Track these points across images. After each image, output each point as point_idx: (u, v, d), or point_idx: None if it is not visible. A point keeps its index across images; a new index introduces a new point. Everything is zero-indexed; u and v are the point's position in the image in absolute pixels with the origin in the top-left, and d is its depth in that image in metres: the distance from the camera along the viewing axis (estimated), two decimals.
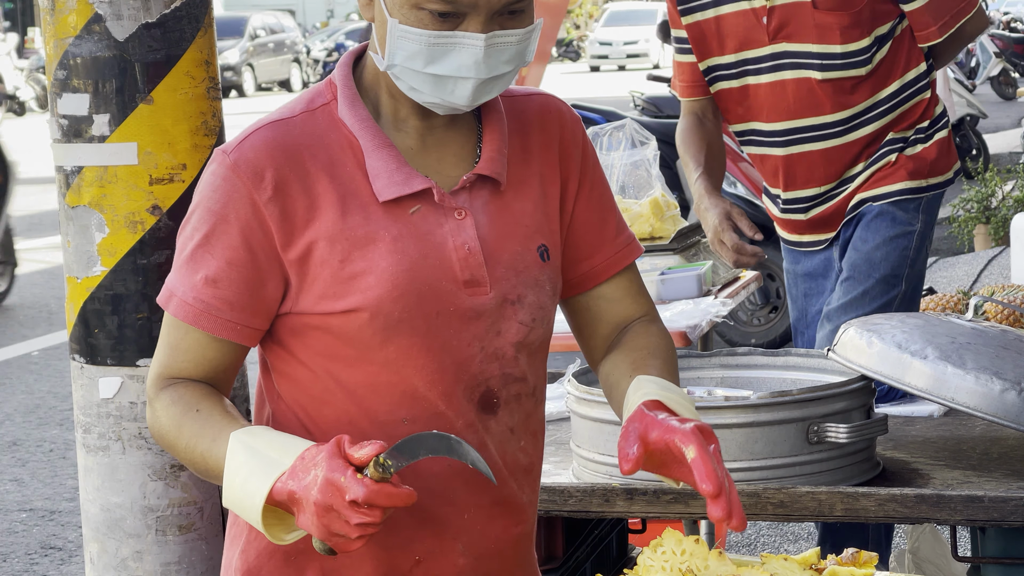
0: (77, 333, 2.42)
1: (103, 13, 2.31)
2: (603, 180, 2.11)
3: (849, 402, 2.59)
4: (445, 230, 1.93)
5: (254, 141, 1.89)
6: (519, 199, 2.00)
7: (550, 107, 2.06)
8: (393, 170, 1.91)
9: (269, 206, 1.87)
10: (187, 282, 1.89)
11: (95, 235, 2.35)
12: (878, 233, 3.64)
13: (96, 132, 2.33)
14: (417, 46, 1.84)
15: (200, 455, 1.85)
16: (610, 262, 2.09)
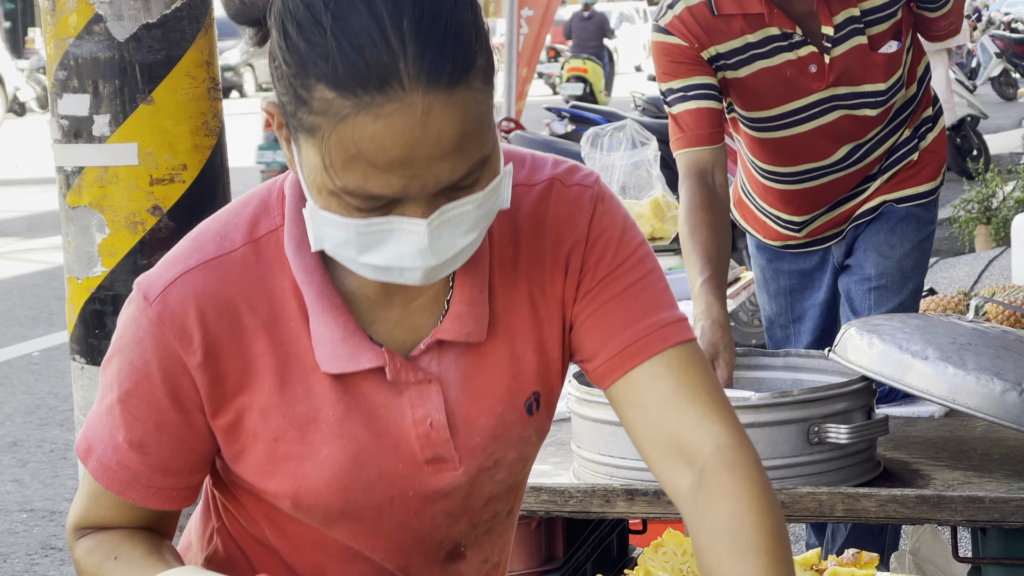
0: (77, 333, 2.41)
1: (103, 13, 2.31)
2: (623, 265, 1.65)
3: (850, 403, 2.59)
4: (404, 401, 1.60)
5: (181, 291, 1.55)
6: (504, 345, 1.64)
7: (553, 202, 1.65)
8: (338, 341, 1.56)
9: (198, 371, 1.56)
10: (108, 440, 1.62)
11: (95, 235, 2.35)
12: (907, 239, 3.53)
13: (96, 132, 2.33)
14: (345, 234, 1.45)
15: None
16: (619, 358, 1.65)
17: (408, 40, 1.37)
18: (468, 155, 1.42)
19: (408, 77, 1.37)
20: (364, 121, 1.38)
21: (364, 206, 1.43)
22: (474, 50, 1.41)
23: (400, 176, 1.40)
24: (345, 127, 1.39)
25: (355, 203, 1.43)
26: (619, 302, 1.64)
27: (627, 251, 1.66)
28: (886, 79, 3.39)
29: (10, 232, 13.84)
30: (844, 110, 3.40)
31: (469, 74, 1.40)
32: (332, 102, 1.39)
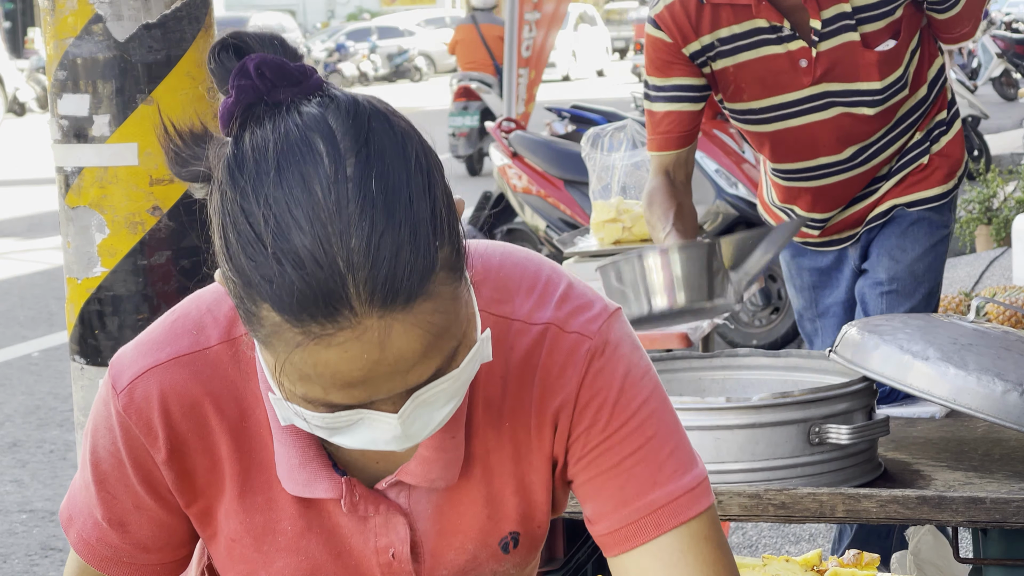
0: (77, 334, 2.41)
1: (103, 13, 2.30)
2: (619, 432, 1.53)
3: (851, 403, 2.58)
4: (368, 528, 1.53)
5: (147, 386, 1.48)
6: (481, 486, 1.56)
7: (546, 349, 1.53)
8: (295, 465, 1.49)
9: (164, 467, 1.51)
10: (88, 515, 1.58)
11: (95, 236, 2.35)
12: (918, 243, 3.52)
13: (96, 133, 2.33)
14: (314, 423, 1.37)
15: None
16: (612, 537, 1.54)
17: (357, 260, 1.24)
18: (437, 356, 1.32)
19: (359, 302, 1.25)
20: (315, 350, 1.27)
21: (328, 411, 1.34)
22: (434, 249, 1.28)
23: (362, 390, 1.31)
24: (296, 354, 1.28)
25: (319, 408, 1.34)
26: (614, 476, 1.53)
27: (623, 417, 1.52)
28: (881, 78, 3.38)
29: (10, 232, 13.84)
30: (841, 107, 3.39)
31: (429, 282, 1.28)
32: (280, 326, 1.28)
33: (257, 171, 1.28)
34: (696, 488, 1.53)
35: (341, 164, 1.27)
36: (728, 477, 2.54)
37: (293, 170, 1.26)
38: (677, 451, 1.53)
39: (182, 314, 1.53)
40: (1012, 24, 20.32)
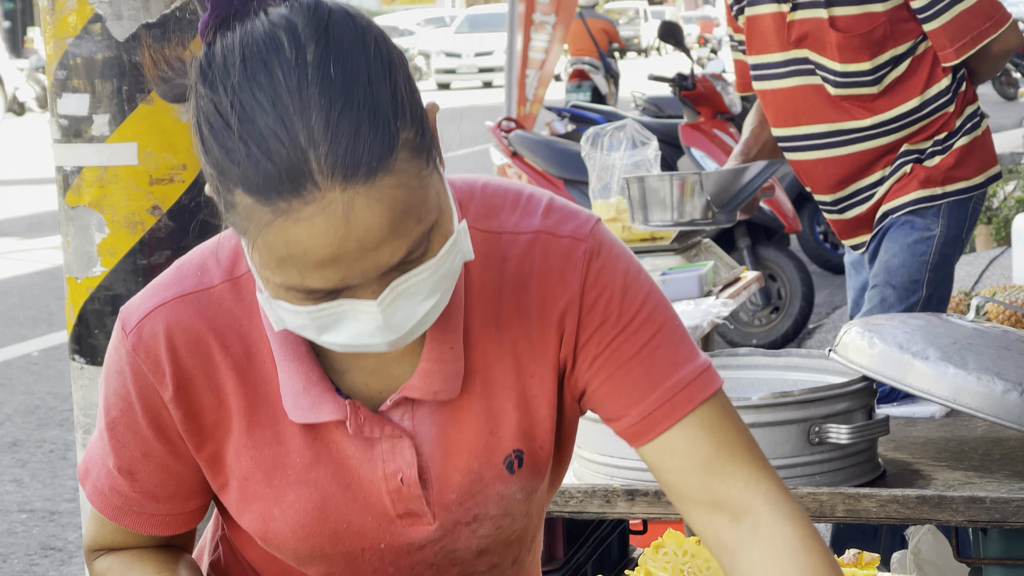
0: (77, 333, 2.41)
1: (103, 13, 2.30)
2: (631, 325, 1.57)
3: (850, 403, 2.58)
4: (375, 454, 1.56)
5: (155, 324, 1.54)
6: (481, 400, 1.58)
7: (541, 255, 1.56)
8: (300, 390, 1.53)
9: (171, 405, 1.55)
10: (101, 465, 1.62)
11: (95, 235, 2.35)
12: (896, 242, 3.64)
13: (96, 132, 2.33)
14: (300, 319, 1.42)
15: None
16: (645, 424, 1.58)
17: (317, 136, 1.31)
18: (406, 236, 1.36)
19: (322, 176, 1.31)
20: (285, 226, 1.33)
21: (308, 298, 1.39)
22: (394, 128, 1.34)
23: (335, 271, 1.35)
24: (269, 233, 1.34)
25: (300, 296, 1.39)
26: (635, 365, 1.57)
27: (633, 308, 1.57)
28: (841, 61, 3.58)
29: (10, 232, 13.84)
30: (816, 77, 3.63)
31: (390, 158, 1.33)
32: (252, 208, 1.34)
33: (224, 65, 1.35)
34: (709, 367, 1.59)
35: (302, 51, 1.34)
36: None
37: (256, 59, 1.34)
38: (685, 336, 1.60)
39: (187, 259, 1.60)
40: None
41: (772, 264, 7.84)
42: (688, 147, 8.18)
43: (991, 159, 3.71)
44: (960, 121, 3.67)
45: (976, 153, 3.67)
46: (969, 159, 3.66)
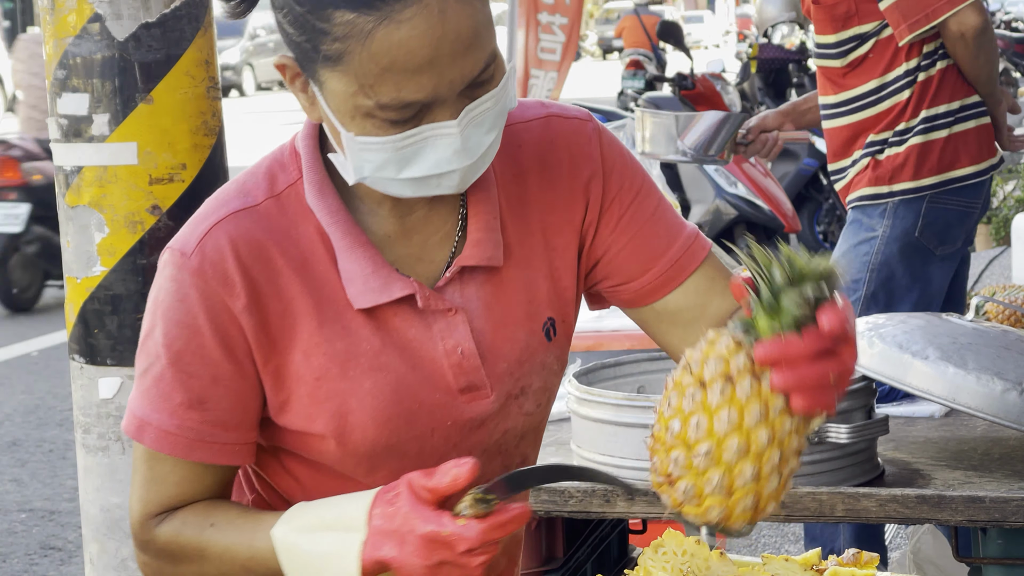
0: (77, 333, 2.41)
1: (103, 13, 2.30)
2: (642, 190, 1.76)
3: (850, 402, 2.58)
4: (434, 332, 1.66)
5: (216, 239, 1.61)
6: (519, 271, 1.71)
7: (555, 135, 1.73)
8: (369, 274, 1.63)
9: (244, 315, 1.60)
10: (163, 407, 1.62)
11: (95, 235, 2.35)
12: (845, 240, 3.78)
13: (96, 132, 2.33)
14: (384, 155, 1.54)
15: (242, 568, 1.62)
16: (665, 278, 1.75)
17: None
18: (483, 48, 1.51)
19: None
20: (388, 31, 1.46)
21: (399, 117, 1.51)
22: None
23: (430, 77, 1.48)
24: (372, 42, 1.47)
25: (392, 116, 1.51)
26: (652, 224, 1.75)
27: (639, 177, 1.76)
28: (816, 33, 3.82)
29: None
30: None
31: None
32: (354, 22, 1.47)
33: None
34: (699, 231, 1.81)
35: None
36: None
37: None
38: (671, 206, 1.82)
39: (221, 191, 1.66)
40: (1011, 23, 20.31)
41: None
42: None
43: (952, 162, 3.72)
44: (919, 119, 3.69)
45: (931, 155, 3.69)
46: (922, 160, 3.69)
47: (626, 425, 2.62)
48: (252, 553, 1.60)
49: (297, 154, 1.68)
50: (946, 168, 3.71)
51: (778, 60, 10.93)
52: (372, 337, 1.64)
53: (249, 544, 1.61)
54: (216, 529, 1.63)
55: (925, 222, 3.69)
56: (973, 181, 3.74)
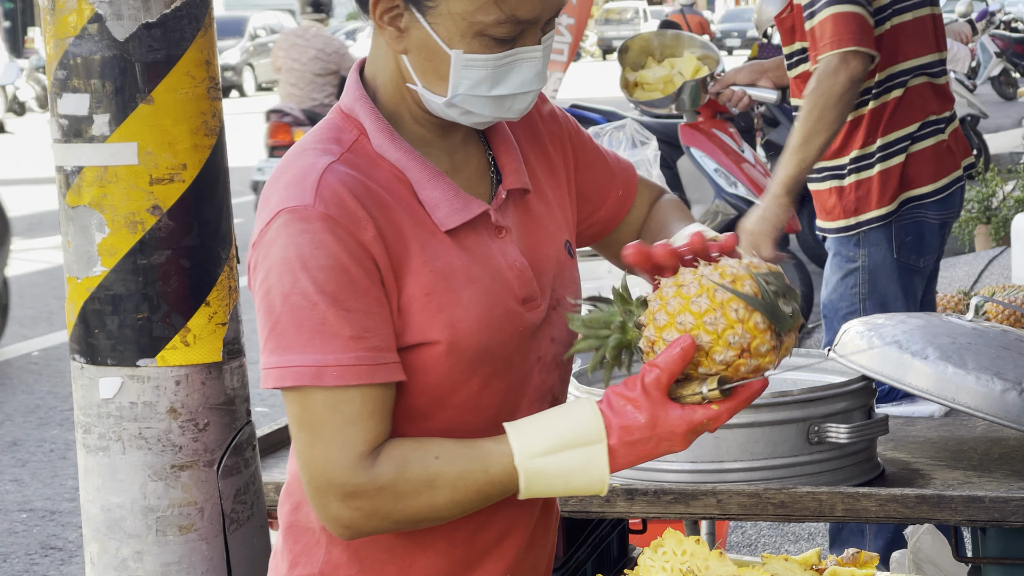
0: (77, 333, 2.41)
1: (103, 13, 2.30)
2: (584, 134, 2.10)
3: (850, 402, 2.59)
4: (496, 249, 1.88)
5: (330, 185, 1.78)
6: (539, 199, 1.97)
7: (538, 106, 2.06)
8: (451, 198, 1.85)
9: (373, 245, 1.77)
10: (335, 346, 1.74)
11: (95, 235, 2.35)
12: (832, 274, 3.82)
13: (96, 132, 2.33)
14: (484, 72, 1.80)
15: (477, 493, 1.75)
16: (623, 198, 2.11)
17: None
18: None
19: None
20: None
21: (507, 35, 1.77)
22: None
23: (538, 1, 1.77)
24: None
25: (502, 33, 1.77)
26: (599, 161, 2.09)
27: (578, 125, 2.10)
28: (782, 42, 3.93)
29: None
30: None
31: None
32: None
33: None
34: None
35: None
36: (727, 476, 2.55)
37: None
38: None
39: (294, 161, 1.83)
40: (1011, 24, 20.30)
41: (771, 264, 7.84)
42: (688, 147, 8.18)
43: (910, 183, 3.74)
44: (876, 146, 3.73)
45: (892, 181, 3.71)
46: (884, 188, 3.73)
47: None
48: (488, 478, 1.74)
49: (348, 116, 1.87)
50: (906, 189, 3.72)
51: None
52: (459, 254, 1.83)
53: (484, 471, 1.74)
54: (443, 461, 1.74)
55: (899, 242, 3.72)
56: (937, 197, 3.74)
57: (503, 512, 1.90)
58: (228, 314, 2.32)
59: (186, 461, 2.34)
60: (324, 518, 1.78)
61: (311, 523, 1.91)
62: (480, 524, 1.89)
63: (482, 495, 1.76)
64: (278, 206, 1.78)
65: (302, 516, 1.93)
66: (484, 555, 1.91)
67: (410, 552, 1.88)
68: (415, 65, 1.83)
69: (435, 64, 1.81)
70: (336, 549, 1.89)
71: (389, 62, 1.88)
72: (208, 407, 2.32)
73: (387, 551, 1.88)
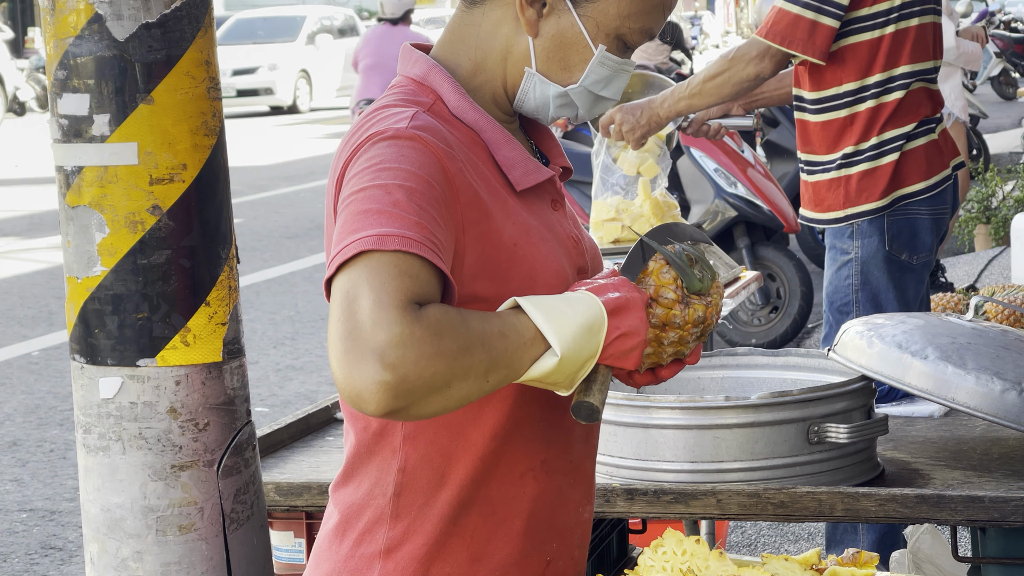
0: (77, 333, 2.41)
1: (103, 13, 2.30)
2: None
3: (849, 402, 2.59)
4: (556, 218, 1.97)
5: (423, 119, 1.84)
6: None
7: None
8: (526, 159, 1.93)
9: (459, 177, 1.83)
10: (404, 222, 1.71)
11: (95, 235, 2.35)
12: (828, 267, 3.87)
13: (96, 132, 2.33)
14: (608, 72, 1.94)
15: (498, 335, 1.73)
16: None
17: None
18: None
19: None
20: None
21: (636, 44, 1.94)
22: None
23: (662, 17, 1.94)
24: None
25: (636, 41, 1.93)
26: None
27: None
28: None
29: (10, 231, 13.84)
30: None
31: None
32: None
33: None
34: None
35: None
36: (727, 476, 2.55)
37: None
38: None
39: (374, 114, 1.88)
40: (1011, 24, 20.30)
41: (771, 264, 7.84)
42: (687, 147, 8.18)
43: (902, 182, 3.77)
44: (870, 144, 3.76)
45: (883, 178, 3.76)
46: (875, 183, 3.76)
47: (626, 425, 2.62)
48: (503, 318, 1.75)
49: (421, 84, 1.93)
50: (899, 186, 3.74)
51: None
52: (531, 215, 1.91)
53: (499, 316, 1.76)
54: (468, 314, 1.73)
55: (891, 235, 3.75)
56: (929, 194, 3.76)
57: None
58: (228, 314, 2.32)
59: (186, 461, 2.34)
60: (359, 379, 1.65)
61: (375, 500, 1.92)
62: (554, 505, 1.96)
63: (502, 335, 1.73)
64: (369, 134, 1.82)
65: (362, 494, 1.94)
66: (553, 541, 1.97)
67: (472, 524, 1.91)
68: (541, 50, 1.92)
69: (567, 53, 1.93)
70: (399, 525, 1.91)
71: (492, 42, 1.95)
72: (208, 407, 2.32)
73: (451, 523, 1.90)
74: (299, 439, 3.07)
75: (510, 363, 1.74)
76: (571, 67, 1.93)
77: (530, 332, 1.76)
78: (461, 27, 1.98)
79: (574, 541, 2.01)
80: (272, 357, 8.33)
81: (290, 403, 7.28)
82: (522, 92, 1.95)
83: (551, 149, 2.05)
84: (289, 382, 7.77)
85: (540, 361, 1.76)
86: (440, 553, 1.90)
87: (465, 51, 1.97)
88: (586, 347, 1.77)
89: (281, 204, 14.83)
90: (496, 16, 1.94)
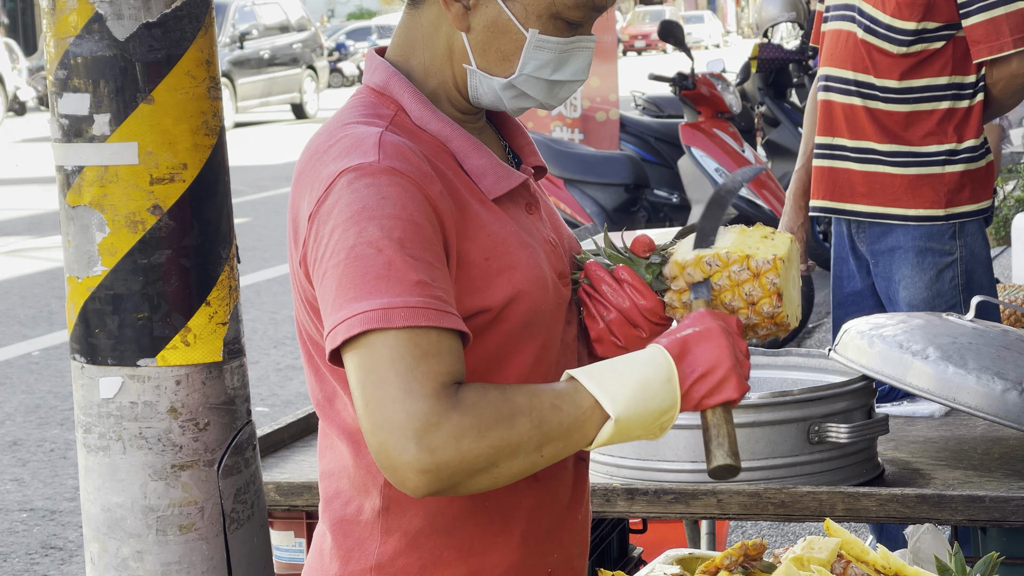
0: (78, 333, 2.41)
1: (103, 13, 2.31)
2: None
3: (850, 402, 2.59)
4: (532, 222, 1.91)
5: (394, 144, 1.77)
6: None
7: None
8: (496, 166, 1.87)
9: (440, 200, 1.76)
10: (402, 289, 1.68)
11: (96, 235, 2.35)
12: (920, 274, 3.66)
13: (96, 132, 2.33)
14: (550, 55, 1.84)
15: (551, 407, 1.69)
16: None
17: None
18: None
19: None
20: None
21: (579, 19, 1.83)
22: None
23: None
24: None
25: (575, 16, 1.82)
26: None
27: None
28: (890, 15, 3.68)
29: (11, 231, 13.84)
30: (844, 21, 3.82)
31: None
32: None
33: None
34: None
35: None
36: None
37: None
38: None
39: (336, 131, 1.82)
40: None
41: None
42: (688, 147, 8.19)
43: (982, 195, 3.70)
44: (965, 146, 3.64)
45: (987, 179, 3.68)
46: (987, 181, 3.67)
47: None
48: (556, 390, 1.71)
49: (381, 94, 1.86)
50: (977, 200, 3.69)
51: (778, 60, 10.95)
52: (507, 221, 1.84)
53: (552, 388, 1.72)
54: (512, 389, 1.70)
55: (984, 236, 3.67)
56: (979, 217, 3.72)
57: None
58: (228, 314, 2.32)
59: (186, 461, 2.34)
60: (399, 466, 1.64)
61: (363, 516, 1.88)
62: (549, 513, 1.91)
63: (554, 407, 1.69)
64: (338, 169, 1.75)
65: (352, 510, 1.89)
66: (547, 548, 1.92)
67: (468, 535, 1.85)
68: (476, 44, 1.84)
69: (501, 43, 1.84)
70: (391, 539, 1.85)
71: (435, 42, 1.88)
72: (208, 407, 2.32)
73: (446, 535, 1.84)
74: (299, 439, 3.07)
75: (568, 435, 1.70)
76: (509, 57, 1.84)
77: (588, 401, 1.71)
78: (407, 29, 1.91)
79: (574, 551, 1.96)
80: (272, 357, 8.33)
81: (290, 403, 7.28)
82: (471, 90, 1.88)
83: (523, 147, 1.98)
84: (289, 382, 7.77)
85: (603, 428, 1.71)
86: (437, 566, 1.84)
87: (414, 54, 1.90)
88: (652, 401, 1.71)
89: (282, 203, 14.84)
90: (432, 15, 1.87)
